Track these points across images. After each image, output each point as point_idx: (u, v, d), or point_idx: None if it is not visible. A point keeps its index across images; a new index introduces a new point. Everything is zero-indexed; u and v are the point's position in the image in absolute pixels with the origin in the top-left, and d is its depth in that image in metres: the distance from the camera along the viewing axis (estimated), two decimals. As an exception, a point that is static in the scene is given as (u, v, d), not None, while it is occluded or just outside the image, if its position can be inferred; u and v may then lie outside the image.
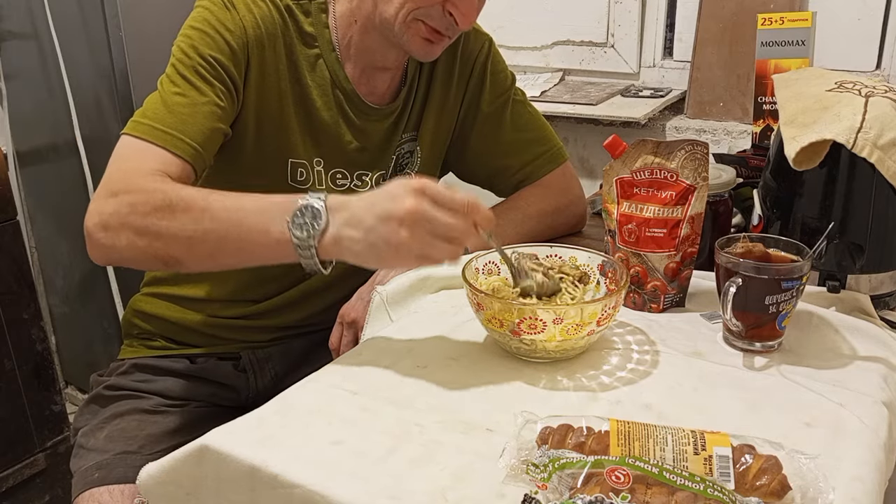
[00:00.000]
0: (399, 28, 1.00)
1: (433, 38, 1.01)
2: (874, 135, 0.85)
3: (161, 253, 0.87)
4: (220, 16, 0.99)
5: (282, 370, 1.18)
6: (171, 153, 0.93)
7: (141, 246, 0.87)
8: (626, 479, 0.60)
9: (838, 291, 0.94)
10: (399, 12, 0.99)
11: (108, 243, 0.88)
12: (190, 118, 0.95)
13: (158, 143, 0.93)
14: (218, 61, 0.97)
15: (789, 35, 1.34)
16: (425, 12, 0.98)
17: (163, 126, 0.93)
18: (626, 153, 0.93)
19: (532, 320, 0.78)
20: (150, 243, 0.86)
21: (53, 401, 1.83)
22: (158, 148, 0.92)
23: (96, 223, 0.88)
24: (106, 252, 0.90)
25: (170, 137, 0.93)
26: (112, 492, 0.98)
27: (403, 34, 1.00)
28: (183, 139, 0.93)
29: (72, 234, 2.14)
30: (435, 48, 1.03)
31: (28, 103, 2.07)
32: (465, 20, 0.99)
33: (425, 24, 0.99)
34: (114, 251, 0.89)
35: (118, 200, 0.88)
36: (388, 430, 0.72)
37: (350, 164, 1.11)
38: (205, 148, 0.96)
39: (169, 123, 0.93)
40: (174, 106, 0.95)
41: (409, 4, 0.98)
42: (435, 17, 0.99)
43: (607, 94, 1.91)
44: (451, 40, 1.05)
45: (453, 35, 1.03)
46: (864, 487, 0.64)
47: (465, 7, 0.98)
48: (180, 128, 0.94)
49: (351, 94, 1.09)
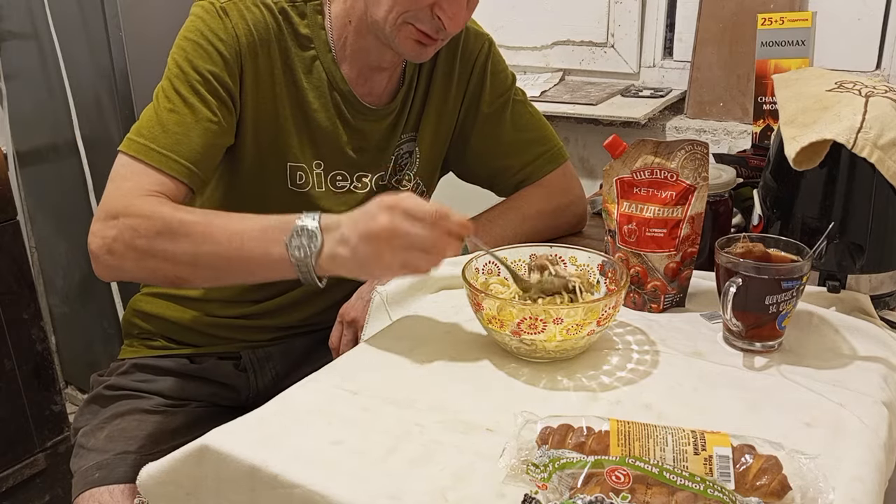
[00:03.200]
0: (389, 30, 1.00)
1: (423, 40, 1.01)
2: (874, 135, 0.85)
3: (169, 274, 0.91)
4: (212, 25, 0.99)
5: (282, 369, 1.18)
6: (166, 175, 0.95)
7: (150, 267, 0.91)
8: (627, 479, 0.60)
9: (838, 291, 0.94)
10: (388, 15, 0.99)
11: (113, 265, 0.92)
12: (184, 137, 0.96)
13: (154, 165, 0.95)
14: (213, 74, 0.98)
15: (789, 35, 1.34)
16: (414, 15, 0.98)
17: (157, 147, 0.95)
18: (626, 153, 0.93)
19: (532, 320, 0.78)
20: (157, 265, 0.90)
21: (53, 401, 1.83)
22: (154, 170, 0.95)
23: (100, 246, 0.91)
24: (113, 273, 0.93)
25: (164, 158, 0.95)
26: (112, 492, 0.98)
27: (394, 37, 1.01)
28: (178, 160, 0.95)
29: (72, 234, 2.14)
30: (427, 50, 1.03)
31: (28, 103, 2.07)
32: (453, 24, 0.99)
33: (414, 26, 0.99)
34: (122, 272, 0.93)
35: (119, 224, 0.90)
36: (388, 430, 0.72)
37: (349, 166, 1.11)
38: (200, 167, 0.97)
39: (164, 144, 0.95)
40: (169, 125, 0.96)
41: (398, 8, 0.98)
42: (423, 20, 0.99)
43: (607, 94, 1.91)
44: (443, 42, 1.04)
45: (444, 38, 1.03)
46: (864, 487, 0.64)
47: (452, 11, 0.98)
48: (175, 148, 0.95)
49: (348, 95, 1.08)
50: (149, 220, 0.89)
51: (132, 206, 0.91)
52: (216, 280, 0.93)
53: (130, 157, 0.95)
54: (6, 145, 2.12)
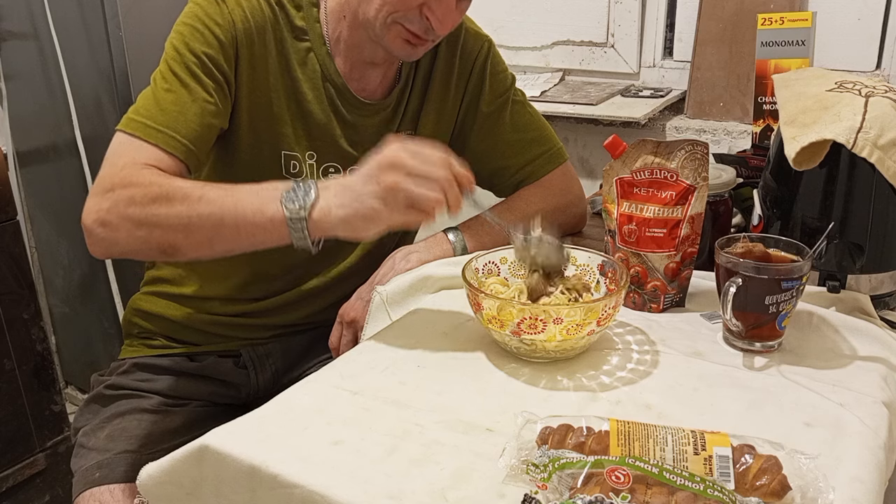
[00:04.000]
0: (380, 29, 1.01)
1: (413, 40, 1.02)
2: (874, 135, 0.85)
3: (160, 241, 0.89)
4: (209, 11, 1.00)
5: (282, 366, 1.19)
6: (163, 151, 0.94)
7: (140, 236, 0.89)
8: (626, 479, 0.60)
9: (838, 291, 0.94)
10: (378, 14, 0.99)
11: (107, 237, 0.90)
12: (181, 116, 0.96)
13: (151, 141, 0.94)
14: (209, 56, 0.99)
15: (789, 35, 1.34)
16: (403, 15, 0.99)
17: (155, 124, 0.95)
18: (626, 153, 0.93)
19: (532, 320, 0.78)
20: (149, 233, 0.89)
21: (53, 401, 1.82)
22: (151, 146, 0.94)
23: (94, 220, 0.90)
24: (106, 246, 0.92)
25: (162, 135, 0.95)
26: (113, 491, 0.98)
27: (384, 35, 1.01)
28: (175, 137, 0.95)
29: (72, 234, 2.14)
30: (417, 49, 1.04)
31: (28, 103, 2.07)
32: (442, 26, 1.00)
33: (404, 26, 1.00)
34: (113, 244, 0.91)
35: (115, 195, 0.89)
36: (388, 430, 0.72)
37: (342, 159, 1.11)
38: (197, 145, 0.97)
39: (161, 121, 0.95)
40: (166, 104, 0.96)
41: (387, 7, 0.98)
42: (413, 21, 0.99)
43: (607, 94, 1.91)
44: (433, 43, 1.05)
45: (434, 39, 1.03)
46: (864, 488, 0.64)
47: (441, 12, 0.99)
48: (173, 125, 0.95)
49: (342, 89, 1.09)
50: (145, 188, 0.89)
51: (128, 177, 0.90)
52: (208, 246, 0.90)
53: (128, 135, 0.95)
54: (6, 145, 2.12)
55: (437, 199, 0.82)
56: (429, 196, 0.81)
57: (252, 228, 0.87)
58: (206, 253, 0.92)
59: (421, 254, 1.05)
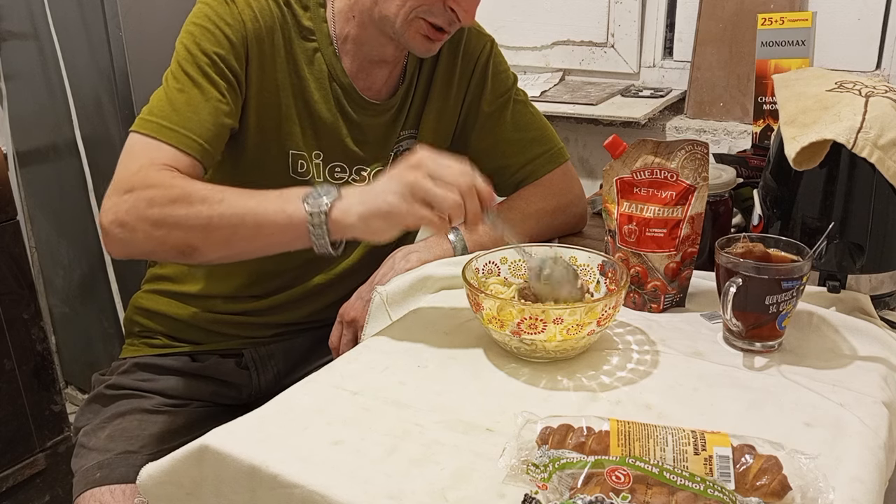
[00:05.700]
0: (400, 26, 1.01)
1: (433, 35, 1.03)
2: (874, 135, 0.85)
3: (178, 241, 0.90)
4: (219, 11, 1.00)
5: (284, 367, 1.19)
6: (180, 150, 0.95)
7: (158, 236, 0.90)
8: (627, 479, 0.60)
9: (838, 291, 0.94)
10: (400, 10, 1.00)
11: (125, 238, 0.91)
12: (195, 116, 0.97)
13: (167, 141, 0.95)
14: (220, 56, 0.99)
15: (789, 35, 1.34)
16: (427, 9, 1.00)
17: (170, 124, 0.95)
18: (626, 153, 0.93)
19: (532, 320, 0.78)
20: (167, 233, 0.89)
21: (53, 401, 1.82)
22: (167, 145, 0.95)
23: (112, 220, 0.91)
24: (123, 247, 0.93)
25: (178, 135, 0.95)
26: (113, 491, 0.98)
27: (404, 32, 1.02)
28: (191, 136, 0.96)
29: (72, 234, 2.13)
30: (434, 45, 1.05)
31: (28, 103, 2.07)
32: (467, 15, 1.01)
33: (426, 21, 1.01)
34: (131, 245, 0.92)
35: (135, 196, 0.90)
36: (388, 430, 0.72)
37: (348, 158, 1.12)
38: (212, 144, 0.98)
39: (176, 121, 0.96)
40: (179, 104, 0.97)
41: (411, 2, 0.99)
42: (437, 14, 1.00)
43: (607, 94, 1.91)
44: (449, 36, 1.06)
45: (454, 31, 1.05)
46: (864, 488, 0.64)
47: (466, 3, 1.00)
48: (187, 125, 0.96)
49: (348, 89, 1.09)
50: (165, 189, 0.90)
51: (147, 178, 0.91)
52: (227, 246, 0.91)
53: (143, 136, 0.96)
54: (6, 145, 2.12)
55: (454, 202, 0.82)
56: (446, 196, 0.82)
57: (272, 227, 0.88)
58: (223, 254, 0.93)
59: (421, 254, 1.05)
